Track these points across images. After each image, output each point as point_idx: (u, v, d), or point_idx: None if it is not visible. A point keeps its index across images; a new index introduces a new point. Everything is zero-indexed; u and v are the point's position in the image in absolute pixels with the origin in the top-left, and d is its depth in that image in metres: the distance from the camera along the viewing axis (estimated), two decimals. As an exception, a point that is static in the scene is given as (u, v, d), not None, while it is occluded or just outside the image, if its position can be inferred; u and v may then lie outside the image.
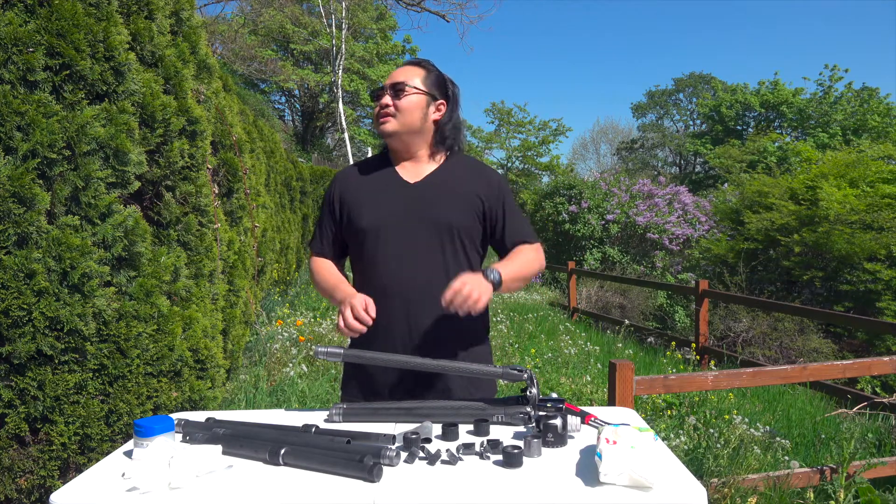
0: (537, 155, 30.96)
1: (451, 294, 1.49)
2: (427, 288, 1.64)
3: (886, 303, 8.22)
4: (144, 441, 1.32)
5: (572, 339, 7.17)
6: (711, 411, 4.20)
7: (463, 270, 1.65)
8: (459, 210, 1.71)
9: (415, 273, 1.66)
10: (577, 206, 14.48)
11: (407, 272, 1.66)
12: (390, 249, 1.68)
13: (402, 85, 1.71)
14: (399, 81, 1.72)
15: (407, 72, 1.75)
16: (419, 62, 1.79)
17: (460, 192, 1.72)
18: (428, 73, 1.76)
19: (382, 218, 1.70)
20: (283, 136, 20.47)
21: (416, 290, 1.66)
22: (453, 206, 1.70)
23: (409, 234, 1.68)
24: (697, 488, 1.16)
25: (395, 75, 1.74)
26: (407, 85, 1.71)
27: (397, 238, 1.68)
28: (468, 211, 1.72)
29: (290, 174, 9.46)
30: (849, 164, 10.60)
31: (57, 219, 2.04)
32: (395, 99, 1.71)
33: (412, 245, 1.67)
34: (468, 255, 1.72)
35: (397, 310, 1.66)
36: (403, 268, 1.67)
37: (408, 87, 1.71)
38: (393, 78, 1.73)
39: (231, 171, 3.89)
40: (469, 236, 1.72)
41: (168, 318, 2.34)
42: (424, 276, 1.66)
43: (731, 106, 35.26)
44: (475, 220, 1.73)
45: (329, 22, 21.68)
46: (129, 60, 2.25)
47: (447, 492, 1.16)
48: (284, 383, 4.55)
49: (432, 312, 1.66)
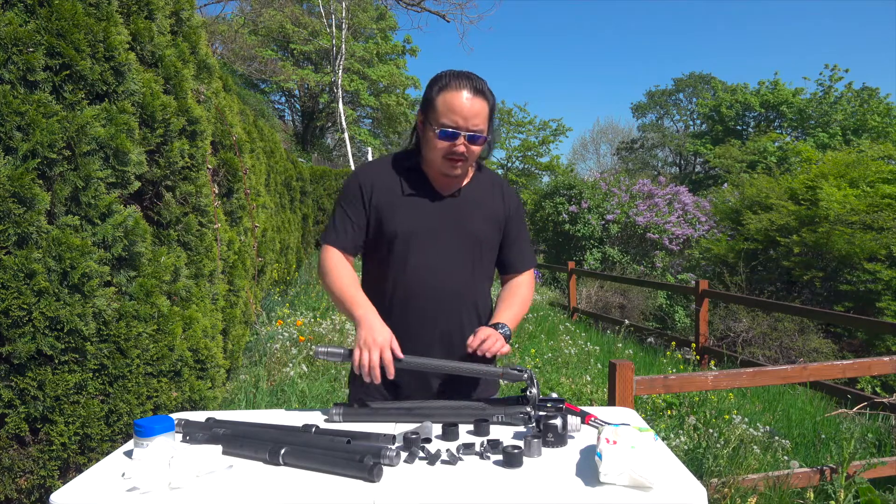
0: (537, 155, 30.96)
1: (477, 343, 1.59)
2: (454, 295, 1.72)
3: (886, 303, 8.21)
4: (144, 441, 1.32)
5: (572, 339, 7.17)
6: (711, 411, 4.20)
7: (485, 279, 1.80)
8: (487, 225, 1.78)
9: (443, 281, 1.71)
10: (577, 206, 14.48)
11: (436, 280, 1.71)
12: (422, 257, 1.70)
13: (480, 135, 1.66)
14: (478, 130, 1.65)
15: (480, 112, 1.65)
16: (483, 91, 1.66)
17: (488, 208, 1.79)
18: (490, 104, 1.68)
19: (416, 226, 1.71)
20: (283, 136, 20.46)
21: (444, 298, 1.71)
22: (482, 221, 1.77)
23: (440, 244, 1.72)
24: (697, 488, 1.16)
25: (470, 117, 1.63)
26: (484, 135, 1.67)
27: (429, 247, 1.71)
28: (494, 226, 1.80)
29: (290, 174, 9.46)
30: (849, 164, 10.60)
31: (57, 219, 2.04)
32: (470, 144, 1.66)
33: (443, 254, 1.72)
34: (489, 266, 1.83)
35: (424, 315, 1.70)
36: (433, 275, 1.71)
37: (483, 136, 1.67)
38: (469, 120, 1.64)
39: (231, 171, 3.89)
40: (492, 249, 1.82)
41: (168, 318, 2.34)
42: (452, 285, 1.72)
43: (731, 106, 35.27)
44: (498, 235, 1.83)
45: (329, 22, 21.69)
46: (129, 60, 2.25)
47: (447, 492, 1.16)
48: (284, 383, 4.55)
49: (456, 319, 1.73)
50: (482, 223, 1.77)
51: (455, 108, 1.62)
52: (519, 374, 1.58)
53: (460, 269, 1.73)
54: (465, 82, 1.64)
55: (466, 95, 1.63)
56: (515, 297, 1.82)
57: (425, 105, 1.70)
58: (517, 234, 1.85)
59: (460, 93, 1.63)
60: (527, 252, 1.89)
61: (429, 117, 1.68)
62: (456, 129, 1.63)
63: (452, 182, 1.76)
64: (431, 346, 1.69)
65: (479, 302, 1.78)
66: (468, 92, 1.63)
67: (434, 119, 1.66)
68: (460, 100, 1.62)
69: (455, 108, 1.62)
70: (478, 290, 1.78)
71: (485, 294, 1.81)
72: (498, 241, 1.83)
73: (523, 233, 1.89)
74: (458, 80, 1.64)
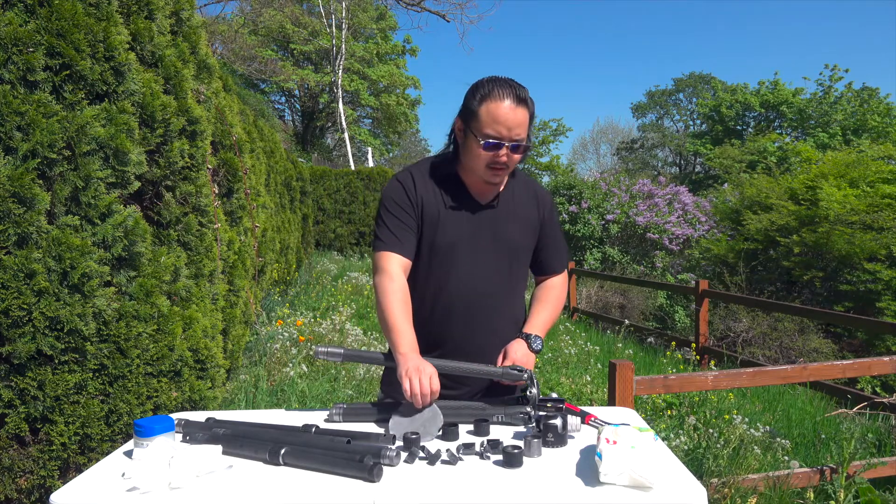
0: (537, 155, 30.95)
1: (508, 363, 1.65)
2: (491, 304, 1.75)
3: (886, 303, 8.21)
4: (144, 441, 1.32)
5: (572, 339, 7.17)
6: (711, 411, 4.20)
7: (521, 285, 1.83)
8: (523, 232, 1.80)
9: (482, 288, 1.74)
10: (577, 206, 14.47)
11: (475, 287, 1.73)
12: (462, 268, 1.72)
13: (523, 145, 1.65)
14: (521, 140, 1.64)
15: (523, 121, 1.63)
16: (525, 100, 1.64)
17: (523, 215, 1.80)
18: (531, 112, 1.66)
19: (457, 237, 1.72)
20: (283, 136, 20.46)
21: (482, 304, 1.74)
22: (519, 228, 1.79)
23: (479, 253, 1.74)
24: (697, 488, 1.16)
25: (514, 126, 1.62)
26: (526, 144, 1.66)
27: (469, 256, 1.73)
28: (530, 233, 1.82)
29: (290, 174, 9.46)
30: (849, 164, 10.59)
31: (57, 219, 2.04)
32: (513, 154, 1.65)
33: (482, 263, 1.74)
34: (524, 271, 1.85)
35: (461, 320, 1.73)
36: (472, 283, 1.73)
37: (525, 145, 1.66)
38: (513, 130, 1.62)
39: (231, 171, 3.89)
40: (528, 254, 1.85)
41: (168, 318, 2.34)
42: (490, 291, 1.75)
43: (731, 106, 35.26)
44: (533, 240, 1.84)
45: (329, 22, 21.69)
46: (129, 60, 2.25)
47: (447, 492, 1.16)
48: (284, 383, 4.55)
49: (491, 325, 1.76)
50: (519, 232, 1.79)
51: (499, 118, 1.61)
52: (519, 374, 1.58)
53: (498, 278, 1.76)
54: (507, 91, 1.62)
55: (510, 105, 1.61)
56: (548, 302, 1.86)
57: (467, 114, 1.67)
58: (552, 236, 1.87)
59: (503, 102, 1.61)
60: (562, 253, 1.90)
61: (471, 126, 1.66)
62: (500, 139, 1.62)
63: (490, 189, 1.76)
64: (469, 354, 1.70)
65: (515, 309, 1.82)
66: (511, 101, 1.61)
67: (477, 129, 1.64)
68: (504, 110, 1.60)
69: (499, 119, 1.61)
70: (514, 297, 1.81)
71: (520, 299, 1.84)
72: (533, 247, 1.84)
73: (558, 234, 1.90)
74: (501, 88, 1.62)
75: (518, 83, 1.67)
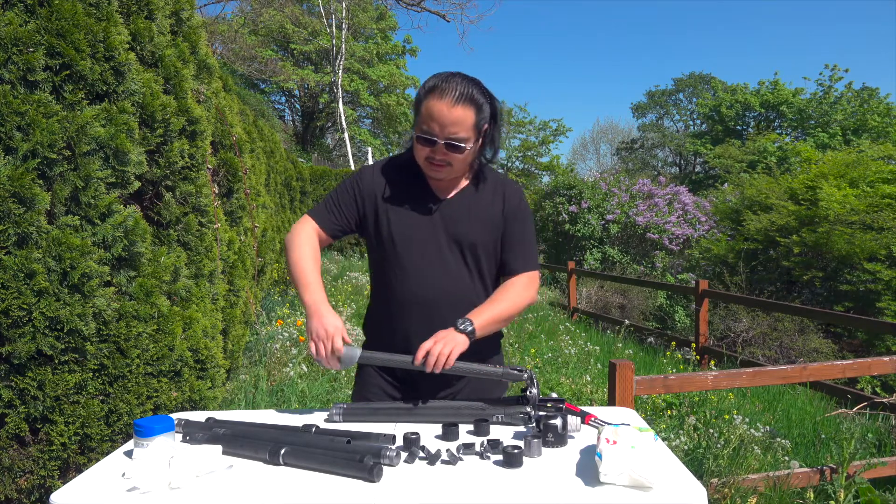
0: (537, 155, 30.96)
1: (422, 354, 1.53)
2: (451, 299, 1.71)
3: (886, 303, 8.21)
4: (144, 441, 1.32)
5: (572, 339, 7.17)
6: (711, 411, 4.20)
7: (484, 283, 1.77)
8: (485, 229, 1.75)
9: (441, 284, 1.71)
10: (577, 206, 14.47)
11: (433, 283, 1.70)
12: (419, 261, 1.70)
13: (459, 145, 1.61)
14: (458, 139, 1.61)
15: (462, 119, 1.59)
16: (471, 97, 1.60)
17: (486, 211, 1.76)
18: (478, 112, 1.62)
19: (415, 229, 1.71)
20: (283, 136, 20.46)
21: (441, 301, 1.70)
22: (479, 225, 1.74)
23: (437, 248, 1.71)
24: (697, 488, 1.16)
25: (449, 124, 1.59)
26: (464, 144, 1.62)
27: (427, 251, 1.71)
28: (492, 230, 1.76)
29: (290, 174, 9.46)
30: (849, 164, 10.59)
31: (57, 219, 2.04)
32: (449, 152, 1.62)
33: (440, 258, 1.71)
34: (489, 269, 1.79)
35: (421, 318, 1.69)
36: (430, 279, 1.70)
37: (463, 146, 1.62)
38: (447, 128, 1.59)
39: (231, 171, 3.89)
40: (491, 252, 1.78)
41: (168, 318, 2.34)
42: (449, 288, 1.71)
43: (731, 106, 35.26)
44: (497, 238, 1.78)
45: (329, 22, 21.68)
46: (129, 60, 2.24)
47: (447, 492, 1.16)
48: (284, 383, 4.55)
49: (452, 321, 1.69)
50: (478, 227, 1.73)
51: (434, 114, 1.58)
52: (519, 374, 1.58)
53: (456, 273, 1.72)
54: (449, 88, 1.58)
55: (449, 103, 1.57)
56: (498, 295, 1.73)
57: (414, 106, 1.69)
58: (518, 234, 1.78)
59: (443, 100, 1.58)
60: (527, 254, 1.79)
61: (415, 119, 1.67)
62: (433, 135, 1.60)
63: (445, 184, 1.74)
64: None
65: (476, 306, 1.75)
66: (451, 98, 1.57)
67: (417, 123, 1.65)
68: (441, 107, 1.58)
69: (434, 115, 1.58)
70: (476, 294, 1.75)
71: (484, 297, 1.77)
72: (496, 247, 1.78)
73: (526, 234, 1.80)
74: (443, 84, 1.59)
75: (471, 82, 1.62)
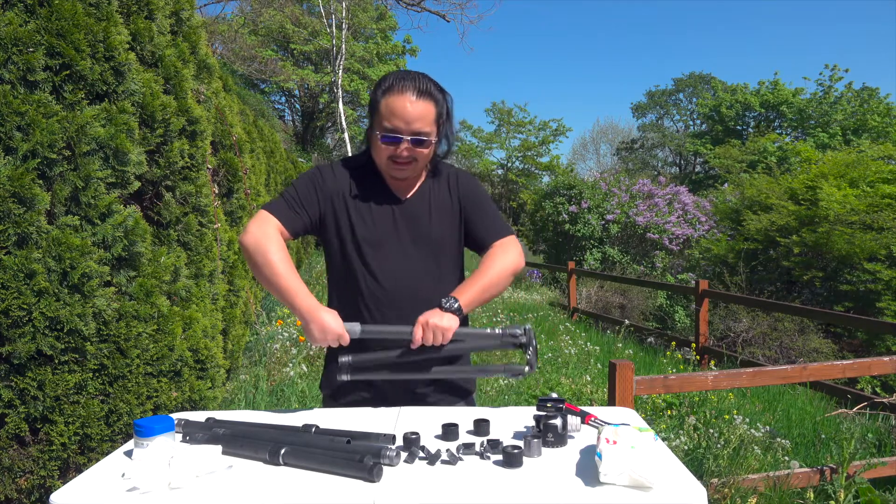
0: (537, 155, 30.98)
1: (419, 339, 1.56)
2: (420, 299, 1.69)
3: (886, 303, 8.21)
4: (144, 441, 1.32)
5: (572, 339, 7.17)
6: (711, 411, 4.20)
7: (450, 278, 1.77)
8: (447, 224, 1.76)
9: (409, 285, 1.70)
10: (577, 206, 14.48)
11: (402, 284, 1.69)
12: (384, 262, 1.69)
13: (425, 139, 1.63)
14: (422, 133, 1.62)
15: (425, 114, 1.61)
16: (430, 92, 1.62)
17: (446, 205, 1.76)
18: (437, 105, 1.64)
19: (378, 231, 1.70)
20: (283, 136, 20.46)
21: (410, 301, 1.69)
22: (442, 221, 1.75)
23: (402, 249, 1.70)
24: (697, 488, 1.16)
25: (413, 120, 1.60)
26: (429, 138, 1.64)
27: (391, 252, 1.70)
28: (454, 223, 1.77)
29: (290, 174, 9.46)
30: (849, 164, 10.60)
31: (57, 219, 2.04)
32: (415, 147, 1.63)
33: (406, 259, 1.70)
34: (454, 265, 1.80)
35: (389, 320, 1.68)
36: (398, 280, 1.69)
37: (428, 140, 1.64)
38: (412, 124, 1.60)
39: (231, 171, 3.89)
40: (456, 245, 1.79)
41: (168, 318, 2.34)
42: (418, 288, 1.71)
43: (731, 106, 35.27)
44: (460, 230, 1.79)
45: (329, 22, 21.67)
46: (129, 60, 2.25)
47: (447, 492, 1.16)
48: (284, 383, 4.55)
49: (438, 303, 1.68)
50: (441, 223, 1.74)
51: (397, 111, 1.59)
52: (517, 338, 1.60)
53: (422, 273, 1.72)
54: (408, 84, 1.59)
55: (409, 98, 1.59)
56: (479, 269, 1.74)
57: (371, 108, 1.66)
58: (480, 211, 1.79)
59: (403, 96, 1.59)
60: (496, 224, 1.80)
61: (374, 120, 1.65)
62: (398, 132, 1.60)
63: (403, 184, 1.74)
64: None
65: None
66: (412, 94, 1.59)
67: (378, 123, 1.63)
68: (403, 103, 1.59)
69: (397, 112, 1.59)
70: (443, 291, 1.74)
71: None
72: (459, 237, 1.78)
73: (487, 208, 1.80)
74: (401, 82, 1.60)
75: (424, 76, 1.64)
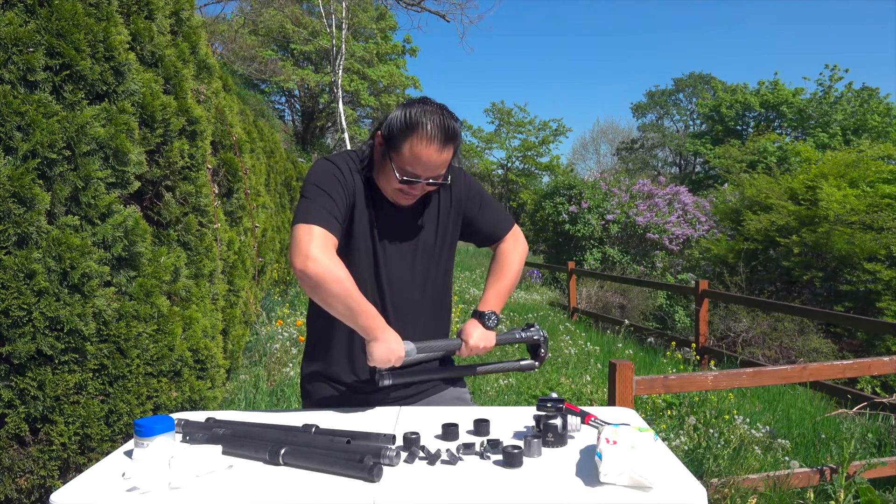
0: (537, 155, 30.98)
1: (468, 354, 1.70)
2: (419, 303, 1.73)
3: (886, 303, 8.21)
4: (144, 441, 1.32)
5: (572, 339, 7.17)
6: (711, 411, 4.20)
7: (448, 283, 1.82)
8: (446, 229, 1.76)
9: (409, 291, 1.71)
10: (577, 206, 14.48)
11: (402, 290, 1.70)
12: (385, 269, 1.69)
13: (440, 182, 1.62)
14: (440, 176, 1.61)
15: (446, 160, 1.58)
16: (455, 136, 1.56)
17: (445, 210, 1.76)
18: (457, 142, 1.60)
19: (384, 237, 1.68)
20: (283, 136, 20.46)
21: (411, 306, 1.72)
22: (441, 227, 1.75)
23: (403, 255, 1.71)
24: (697, 488, 1.16)
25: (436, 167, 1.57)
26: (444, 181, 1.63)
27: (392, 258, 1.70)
28: (454, 227, 1.78)
29: (290, 174, 9.46)
30: (849, 164, 10.60)
31: (57, 219, 2.04)
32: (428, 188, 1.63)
33: (407, 265, 1.71)
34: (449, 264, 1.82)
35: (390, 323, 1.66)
36: (399, 285, 1.70)
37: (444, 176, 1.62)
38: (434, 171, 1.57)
39: (231, 171, 3.89)
40: (453, 248, 1.82)
41: (168, 318, 2.34)
42: (418, 293, 1.73)
43: (731, 106, 35.27)
44: (455, 232, 1.80)
45: (329, 22, 21.66)
46: (129, 60, 2.25)
47: (447, 492, 1.16)
48: (284, 383, 4.55)
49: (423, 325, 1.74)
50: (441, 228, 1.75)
51: (422, 160, 1.54)
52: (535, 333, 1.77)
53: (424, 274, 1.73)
54: (437, 132, 1.52)
55: (437, 148, 1.54)
56: (500, 273, 1.83)
57: (390, 138, 1.57)
58: (481, 207, 1.80)
59: (432, 146, 1.53)
60: (499, 217, 1.84)
61: (391, 153, 1.57)
62: (417, 178, 1.57)
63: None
64: None
65: (444, 303, 1.81)
66: (438, 144, 1.53)
67: (397, 160, 1.56)
68: (429, 152, 1.53)
69: (422, 161, 1.54)
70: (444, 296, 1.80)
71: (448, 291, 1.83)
72: (454, 239, 1.79)
73: (487, 203, 1.82)
74: (431, 126, 1.52)
75: (448, 115, 1.56)
